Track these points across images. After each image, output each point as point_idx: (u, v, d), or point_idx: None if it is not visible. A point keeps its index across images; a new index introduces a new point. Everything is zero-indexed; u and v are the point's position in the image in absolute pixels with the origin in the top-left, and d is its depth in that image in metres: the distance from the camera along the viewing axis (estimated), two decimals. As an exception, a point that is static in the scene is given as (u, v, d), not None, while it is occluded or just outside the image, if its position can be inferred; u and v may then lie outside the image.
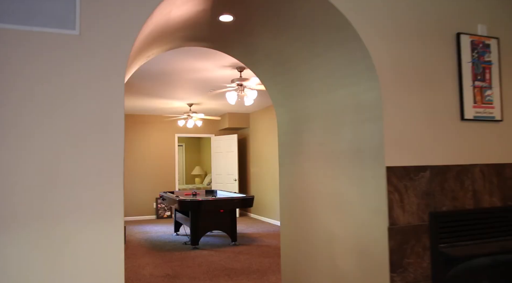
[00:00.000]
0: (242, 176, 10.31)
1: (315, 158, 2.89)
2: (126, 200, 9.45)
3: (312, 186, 2.91)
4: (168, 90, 6.80)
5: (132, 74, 5.54)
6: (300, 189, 3.08)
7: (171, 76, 5.81)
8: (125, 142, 9.53)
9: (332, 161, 2.68)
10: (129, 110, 8.98)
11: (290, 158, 3.26)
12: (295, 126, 3.19)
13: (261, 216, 9.18)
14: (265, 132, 8.92)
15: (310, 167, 2.95)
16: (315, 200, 2.87)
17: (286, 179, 3.32)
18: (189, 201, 5.74)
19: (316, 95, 2.86)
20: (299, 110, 3.11)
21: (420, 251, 2.26)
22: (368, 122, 2.36)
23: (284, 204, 3.34)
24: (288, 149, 3.29)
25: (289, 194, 3.25)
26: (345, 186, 2.55)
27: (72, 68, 1.77)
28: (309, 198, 2.95)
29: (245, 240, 6.58)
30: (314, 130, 2.90)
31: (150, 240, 6.77)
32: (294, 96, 3.13)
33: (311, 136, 2.95)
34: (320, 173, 2.82)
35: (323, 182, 2.77)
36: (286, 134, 3.33)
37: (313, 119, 2.92)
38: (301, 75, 2.93)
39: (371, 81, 2.31)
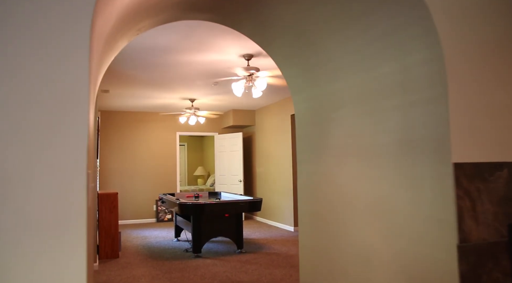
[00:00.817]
0: (247, 177, 9.74)
1: (345, 154, 2.32)
2: (125, 203, 8.90)
3: (342, 188, 2.33)
4: (168, 82, 6.24)
5: (126, 64, 4.98)
6: (326, 192, 2.50)
7: (171, 66, 5.25)
8: (124, 141, 8.97)
9: (370, 158, 2.11)
10: (127, 107, 8.43)
11: (312, 155, 2.68)
12: (318, 116, 2.61)
13: (268, 219, 8.61)
14: (272, 129, 8.35)
15: (339, 165, 2.38)
16: (346, 206, 2.29)
17: (306, 179, 2.74)
18: (190, 204, 5.18)
19: (348, 75, 2.28)
20: (323, 95, 2.54)
21: (499, 278, 1.68)
22: (423, 104, 1.78)
23: (304, 209, 2.77)
24: (309, 144, 2.72)
25: (310, 197, 2.68)
26: (389, 189, 1.98)
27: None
28: (337, 203, 2.37)
29: (252, 247, 6.00)
30: (345, 119, 2.33)
31: (148, 246, 6.21)
32: (318, 79, 2.56)
33: (340, 127, 2.38)
34: (352, 173, 2.25)
35: (358, 184, 2.20)
36: (306, 125, 2.76)
37: (343, 106, 2.35)
38: (328, 51, 2.36)
39: (430, 49, 1.74)
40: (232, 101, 8.06)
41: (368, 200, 2.11)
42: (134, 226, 8.47)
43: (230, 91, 6.97)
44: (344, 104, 2.33)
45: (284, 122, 7.83)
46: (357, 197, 2.20)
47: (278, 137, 8.12)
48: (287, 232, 7.29)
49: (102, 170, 8.74)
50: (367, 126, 2.14)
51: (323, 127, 2.56)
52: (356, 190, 2.21)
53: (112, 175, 8.82)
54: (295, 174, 7.56)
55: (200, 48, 4.45)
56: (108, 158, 8.81)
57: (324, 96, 2.53)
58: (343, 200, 2.32)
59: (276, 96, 7.59)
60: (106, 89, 6.64)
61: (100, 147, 8.75)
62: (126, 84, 6.28)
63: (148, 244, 6.41)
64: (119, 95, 7.20)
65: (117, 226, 5.40)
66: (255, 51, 4.61)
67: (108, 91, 6.78)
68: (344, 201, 2.31)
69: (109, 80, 5.99)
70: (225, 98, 7.69)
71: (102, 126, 8.81)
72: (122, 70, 5.35)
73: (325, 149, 2.54)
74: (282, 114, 7.94)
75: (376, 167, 2.06)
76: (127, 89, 6.63)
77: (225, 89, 6.74)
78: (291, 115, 7.59)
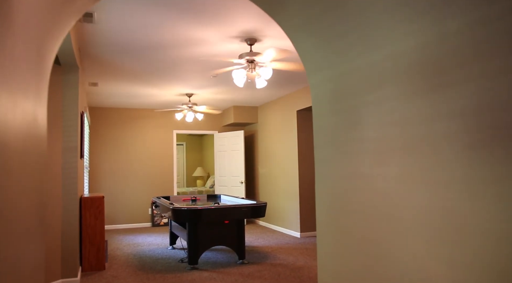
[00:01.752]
0: (249, 178, 9.12)
1: (386, 150, 1.71)
2: (118, 206, 8.29)
3: (382, 196, 1.73)
4: (161, 73, 5.63)
5: (112, 51, 4.36)
6: (357, 200, 1.89)
7: (163, 52, 4.64)
8: (117, 140, 8.37)
9: (425, 154, 1.50)
10: (119, 103, 7.82)
11: (336, 152, 2.07)
12: (344, 101, 2.01)
13: (271, 224, 7.99)
14: (276, 127, 7.74)
15: (376, 165, 1.77)
16: (388, 220, 1.68)
17: (328, 184, 2.13)
18: (185, 210, 4.56)
19: (386, 43, 1.68)
20: (352, 73, 1.93)
21: None
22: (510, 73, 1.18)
23: (324, 222, 2.16)
24: (332, 138, 2.11)
25: (334, 207, 2.07)
26: (457, 198, 1.37)
27: None
28: (376, 216, 1.76)
29: (255, 257, 5.39)
30: (384, 102, 1.72)
31: (140, 256, 5.60)
32: (344, 51, 1.95)
33: (377, 113, 1.77)
34: (397, 175, 1.64)
35: (405, 190, 1.59)
36: (327, 114, 2.15)
37: (382, 85, 1.74)
38: (359, 10, 1.75)
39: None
40: (233, 97, 7.45)
41: (423, 214, 1.50)
42: (127, 231, 7.86)
43: (231, 85, 6.36)
44: (384, 82, 1.72)
45: (289, 119, 7.22)
46: (405, 208, 1.59)
47: (282, 135, 7.51)
48: (293, 239, 6.68)
49: (93, 172, 8.14)
50: (420, 110, 1.53)
51: (352, 115, 1.95)
52: (403, 198, 1.60)
53: (104, 177, 8.22)
54: (301, 176, 6.94)
55: (198, 29, 3.84)
56: (100, 158, 8.20)
57: (354, 73, 1.92)
58: (384, 212, 1.71)
59: (280, 91, 6.99)
60: (94, 82, 6.04)
61: (91, 146, 8.14)
62: (115, 76, 5.68)
63: (140, 253, 5.79)
64: (109, 90, 6.60)
65: (103, 233, 4.79)
66: (260, 34, 4.00)
67: (96, 84, 6.18)
68: (385, 213, 1.70)
69: (96, 71, 5.39)
70: (225, 92, 7.08)
71: (93, 124, 8.21)
72: (109, 58, 4.74)
73: (355, 144, 1.93)
74: (287, 110, 7.33)
75: (435, 167, 1.45)
76: (117, 81, 6.03)
77: (225, 82, 6.13)
78: (297, 111, 6.98)
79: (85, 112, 5.86)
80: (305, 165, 6.99)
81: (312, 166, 7.06)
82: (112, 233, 7.65)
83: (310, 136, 7.08)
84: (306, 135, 7.03)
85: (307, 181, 6.98)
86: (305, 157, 7.00)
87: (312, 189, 7.02)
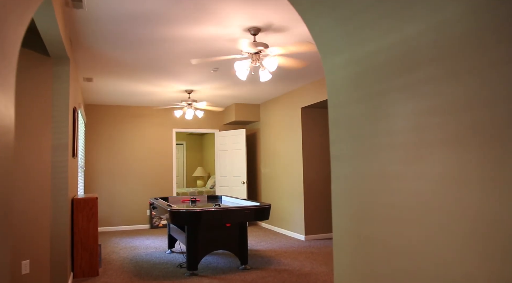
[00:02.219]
0: (251, 179, 8.82)
1: (422, 143, 1.41)
2: (115, 207, 7.99)
3: (417, 198, 1.42)
4: (158, 67, 5.33)
5: (105, 42, 4.06)
6: (384, 202, 1.59)
7: (159, 43, 4.35)
8: (114, 139, 8.07)
9: (479, 146, 1.20)
10: (116, 100, 7.53)
11: (357, 147, 1.78)
12: (368, 86, 1.71)
13: (274, 226, 7.69)
14: (280, 125, 7.44)
15: (410, 161, 1.47)
16: (426, 227, 1.38)
17: (347, 183, 1.84)
18: (184, 212, 4.26)
19: (426, 12, 1.38)
20: (378, 53, 1.63)
21: None
22: None
23: (341, 225, 1.86)
24: (352, 130, 1.81)
25: (354, 209, 1.77)
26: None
27: None
28: (407, 221, 1.46)
29: (258, 262, 5.09)
30: (421, 85, 1.42)
31: (136, 260, 5.29)
32: (369, 26, 1.65)
33: (411, 98, 1.47)
34: (441, 173, 1.34)
35: (453, 191, 1.29)
36: (346, 103, 1.85)
37: (418, 64, 1.44)
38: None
39: None
40: (234, 93, 7.15)
41: (476, 223, 1.20)
42: (124, 233, 7.56)
43: (232, 79, 6.07)
44: (421, 61, 1.42)
45: (293, 117, 6.91)
46: (449, 214, 1.29)
47: (286, 134, 7.20)
48: (297, 242, 6.37)
49: (89, 172, 7.84)
50: (469, 93, 1.23)
51: (379, 103, 1.65)
52: (447, 202, 1.30)
53: (100, 177, 7.92)
54: (306, 176, 6.64)
55: (197, 21, 3.54)
56: (96, 158, 7.91)
57: (381, 53, 1.62)
58: (419, 219, 1.41)
59: (284, 87, 6.69)
60: (89, 77, 5.74)
61: (87, 145, 7.85)
62: (110, 70, 5.38)
63: (136, 257, 5.49)
64: (105, 86, 6.30)
65: (97, 237, 4.49)
66: (264, 23, 3.70)
67: (91, 80, 5.88)
68: (421, 220, 1.40)
69: (90, 65, 5.09)
70: (227, 87, 6.78)
71: (89, 122, 7.91)
72: (103, 50, 4.45)
73: (382, 137, 1.63)
74: (290, 107, 7.03)
75: (492, 163, 1.15)
76: (112, 77, 5.73)
77: (227, 77, 5.83)
78: (301, 108, 6.67)
79: (79, 108, 5.57)
80: (310, 165, 6.69)
81: (318, 166, 6.76)
82: (108, 235, 7.35)
83: (316, 134, 6.78)
84: (311, 133, 6.73)
85: (312, 181, 6.68)
86: (310, 156, 6.70)
87: (317, 190, 6.72)
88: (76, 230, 4.42)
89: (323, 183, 6.79)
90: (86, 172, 7.81)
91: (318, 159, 6.77)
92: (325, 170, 6.82)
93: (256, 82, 6.23)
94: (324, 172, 6.81)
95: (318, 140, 6.80)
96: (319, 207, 6.71)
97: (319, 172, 6.77)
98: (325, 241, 6.41)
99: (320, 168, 6.77)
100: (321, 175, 6.78)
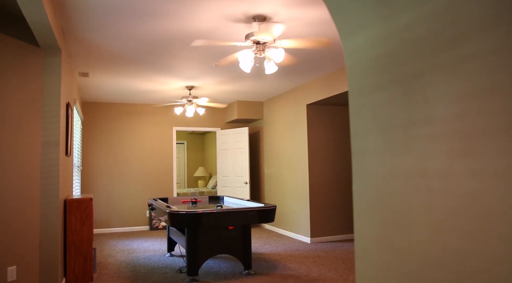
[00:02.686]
0: (254, 179, 8.55)
1: (474, 132, 1.14)
2: (113, 208, 7.72)
3: (469, 200, 1.15)
4: (155, 60, 5.07)
5: (98, 32, 3.80)
6: (421, 206, 1.32)
7: (154, 33, 4.08)
8: (112, 137, 7.80)
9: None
10: (114, 97, 7.26)
11: (385, 138, 1.50)
12: (399, 67, 1.43)
13: (278, 228, 7.41)
14: (284, 123, 7.17)
15: (457, 155, 1.19)
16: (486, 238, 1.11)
17: (372, 182, 1.56)
18: (183, 214, 3.99)
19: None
20: (411, 26, 1.35)
21: None
22: None
23: (365, 233, 1.59)
24: (379, 119, 1.54)
25: (382, 214, 1.50)
26: None
27: None
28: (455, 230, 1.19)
29: (263, 267, 4.81)
30: (471, 61, 1.15)
31: (134, 264, 5.02)
32: (403, -6, 1.38)
33: (457, 78, 1.20)
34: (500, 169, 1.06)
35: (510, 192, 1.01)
36: (371, 88, 1.58)
37: (465, 37, 1.16)
38: None
39: None
40: (236, 89, 6.88)
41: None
42: (123, 235, 7.29)
43: (234, 74, 5.80)
44: (470, 33, 1.15)
45: (298, 114, 6.64)
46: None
47: (290, 132, 6.93)
48: (303, 245, 6.09)
49: (86, 171, 7.58)
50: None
51: (412, 86, 1.37)
52: (514, 206, 1.02)
53: (98, 177, 7.66)
54: (311, 175, 6.36)
55: (196, 6, 3.27)
56: (94, 157, 7.64)
57: (415, 27, 1.34)
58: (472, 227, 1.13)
59: (288, 83, 6.41)
60: (84, 71, 5.48)
61: (84, 144, 7.58)
62: (106, 65, 5.11)
63: (134, 260, 5.22)
64: (102, 82, 6.04)
65: (91, 240, 4.23)
66: (270, 11, 3.43)
67: (87, 75, 5.62)
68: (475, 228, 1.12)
69: (85, 58, 4.82)
70: (229, 82, 6.51)
71: (86, 120, 7.65)
72: (97, 42, 4.18)
73: (418, 126, 1.35)
74: (295, 104, 6.75)
75: None
76: (109, 71, 5.46)
77: (228, 72, 5.56)
78: (307, 105, 6.40)
79: (74, 104, 5.31)
80: (316, 164, 6.41)
81: (324, 165, 6.48)
82: (106, 237, 7.08)
83: (322, 132, 6.51)
84: (317, 131, 6.46)
85: (318, 181, 6.40)
86: (316, 155, 6.42)
87: (324, 190, 6.44)
88: (69, 233, 4.15)
89: (330, 183, 6.51)
90: (83, 172, 7.55)
91: (325, 158, 6.50)
92: (332, 169, 6.54)
93: (259, 77, 5.96)
94: (331, 171, 6.53)
95: (325, 138, 6.53)
96: (325, 208, 6.44)
97: (326, 172, 6.49)
98: (332, 243, 6.13)
99: (326, 168, 6.49)
100: (328, 174, 6.50)
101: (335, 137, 6.62)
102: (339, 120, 6.69)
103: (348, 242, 6.24)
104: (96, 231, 7.58)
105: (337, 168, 6.59)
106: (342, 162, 6.67)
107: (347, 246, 5.93)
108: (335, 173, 6.57)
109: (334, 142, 6.60)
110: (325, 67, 5.46)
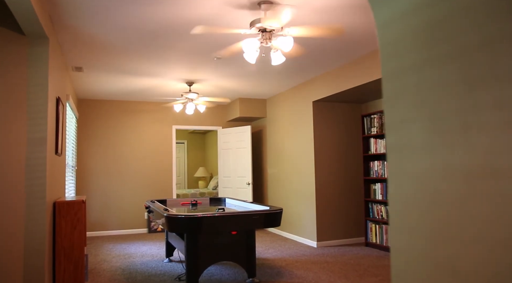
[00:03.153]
0: (256, 179, 8.23)
1: None
2: (110, 210, 7.41)
3: None
4: (152, 52, 4.76)
5: (89, 21, 3.48)
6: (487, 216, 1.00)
7: (149, 22, 3.77)
8: (108, 136, 7.49)
9: None
10: (110, 94, 6.95)
11: (435, 129, 1.18)
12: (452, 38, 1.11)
13: (282, 231, 7.09)
14: (288, 122, 6.85)
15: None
16: None
17: (416, 184, 1.24)
18: (182, 218, 3.67)
19: None
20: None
21: None
22: None
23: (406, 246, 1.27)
24: (425, 105, 1.22)
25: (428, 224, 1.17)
26: None
27: None
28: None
29: (267, 274, 4.49)
30: None
31: (130, 271, 4.71)
32: None
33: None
34: None
35: None
36: (413, 66, 1.25)
37: None
38: None
39: None
40: (238, 85, 6.56)
41: None
42: (119, 238, 6.97)
43: (236, 70, 5.48)
44: None
45: (304, 112, 6.32)
46: None
47: (295, 131, 6.61)
48: (309, 249, 5.77)
49: (81, 171, 7.26)
50: None
51: (472, 62, 1.05)
52: None
53: (93, 178, 7.34)
54: (318, 176, 6.04)
55: (195, -14, 2.96)
56: (89, 156, 7.33)
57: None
58: None
59: (293, 79, 6.09)
60: (78, 66, 5.16)
61: (79, 143, 7.27)
62: (100, 57, 4.80)
63: (130, 266, 4.91)
64: (97, 77, 5.72)
65: (83, 246, 3.91)
66: (277, -7, 3.11)
67: (81, 69, 5.31)
68: None
69: (78, 51, 4.51)
70: (230, 76, 6.20)
71: (82, 118, 7.33)
72: (89, 32, 3.87)
73: (481, 114, 1.03)
74: (300, 101, 6.43)
75: None
76: (103, 66, 5.15)
77: (230, 66, 5.25)
78: (313, 101, 6.08)
79: (67, 100, 5.00)
80: (323, 164, 6.09)
81: (331, 165, 6.15)
82: (101, 240, 6.77)
83: (329, 130, 6.18)
84: (323, 130, 6.14)
85: (325, 182, 6.08)
86: (323, 155, 6.10)
87: (331, 191, 6.11)
88: (59, 238, 3.83)
89: (337, 184, 6.18)
90: (78, 172, 7.24)
91: (332, 158, 6.17)
92: (340, 170, 6.22)
93: (262, 72, 5.64)
94: (338, 172, 6.21)
95: (332, 137, 6.20)
96: (332, 211, 6.11)
97: (333, 172, 6.17)
98: (340, 248, 5.81)
99: (333, 168, 6.17)
100: (335, 175, 6.18)
101: (343, 136, 6.30)
102: (347, 118, 6.36)
103: (356, 246, 5.92)
104: (92, 233, 7.27)
105: (345, 169, 6.27)
106: (350, 162, 6.34)
107: (356, 251, 5.60)
108: (342, 173, 6.25)
109: (342, 141, 6.28)
110: (334, 61, 5.14)
